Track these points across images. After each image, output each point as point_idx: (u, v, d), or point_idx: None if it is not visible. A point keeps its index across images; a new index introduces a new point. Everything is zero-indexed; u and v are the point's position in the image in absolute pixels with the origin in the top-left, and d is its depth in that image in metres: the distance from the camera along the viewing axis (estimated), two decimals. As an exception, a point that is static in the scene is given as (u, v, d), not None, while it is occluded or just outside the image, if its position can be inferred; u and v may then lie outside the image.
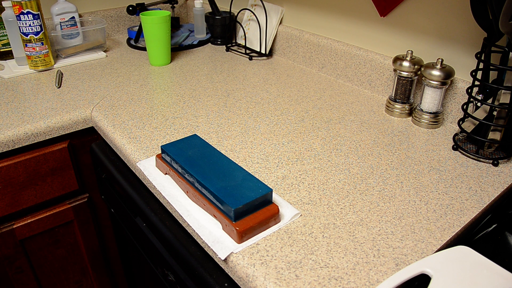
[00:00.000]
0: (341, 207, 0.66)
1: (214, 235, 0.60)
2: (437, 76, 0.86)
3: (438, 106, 0.90)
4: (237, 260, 0.56)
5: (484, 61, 0.77)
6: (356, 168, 0.76)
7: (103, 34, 1.32)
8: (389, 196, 0.68)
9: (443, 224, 0.63)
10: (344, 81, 1.14)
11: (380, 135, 0.87)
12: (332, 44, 1.14)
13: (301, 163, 0.77)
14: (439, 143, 0.85)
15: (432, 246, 0.59)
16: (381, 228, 0.62)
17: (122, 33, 1.51)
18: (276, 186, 0.70)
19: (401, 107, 0.95)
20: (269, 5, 1.28)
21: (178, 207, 0.66)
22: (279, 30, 1.29)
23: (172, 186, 0.70)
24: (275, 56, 1.33)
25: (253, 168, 0.75)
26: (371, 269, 0.55)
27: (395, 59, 0.93)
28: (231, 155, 0.79)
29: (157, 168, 0.74)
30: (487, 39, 0.76)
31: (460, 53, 0.90)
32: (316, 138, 0.86)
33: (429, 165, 0.77)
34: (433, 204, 0.67)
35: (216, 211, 0.60)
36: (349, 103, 1.02)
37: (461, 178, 0.74)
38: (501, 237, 0.63)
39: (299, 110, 0.97)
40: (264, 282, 0.53)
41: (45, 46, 1.17)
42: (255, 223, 0.58)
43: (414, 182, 0.72)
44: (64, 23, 1.29)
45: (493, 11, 0.70)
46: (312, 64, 1.22)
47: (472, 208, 0.66)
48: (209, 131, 0.87)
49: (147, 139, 0.83)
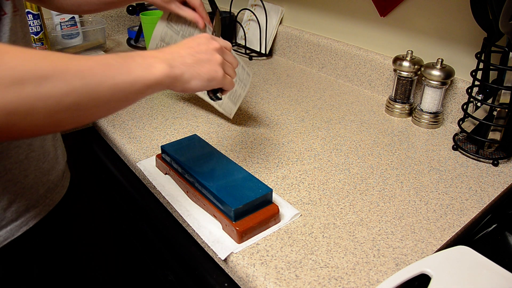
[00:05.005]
0: (341, 207, 0.66)
1: (214, 235, 0.60)
2: (437, 76, 0.86)
3: (438, 106, 0.90)
4: (237, 260, 0.56)
5: (484, 61, 0.77)
6: (356, 168, 0.76)
7: (103, 34, 1.32)
8: (389, 196, 0.68)
9: (443, 224, 0.63)
10: (344, 81, 1.14)
11: (380, 135, 0.87)
12: (332, 44, 1.14)
13: (301, 163, 0.77)
14: (439, 143, 0.85)
15: (432, 246, 0.59)
16: (381, 228, 0.62)
17: (122, 33, 1.51)
18: (276, 186, 0.70)
19: (401, 107, 0.95)
20: (269, 5, 1.28)
21: (178, 207, 0.66)
22: (279, 30, 1.29)
23: (172, 186, 0.70)
24: (275, 56, 1.33)
25: (253, 168, 0.75)
26: (371, 269, 0.55)
27: (395, 59, 0.93)
28: (231, 155, 0.79)
29: (157, 168, 0.74)
30: (487, 39, 0.76)
31: (460, 53, 0.90)
32: (316, 138, 0.86)
33: (429, 165, 0.77)
34: (433, 204, 0.67)
35: (216, 211, 0.60)
36: (349, 103, 1.02)
37: (461, 178, 0.74)
38: (501, 237, 0.63)
39: (299, 110, 0.98)
40: (264, 282, 0.53)
41: (45, 46, 1.16)
42: (255, 223, 0.58)
43: (414, 182, 0.72)
44: (64, 23, 1.28)
45: (493, 11, 0.70)
46: (312, 64, 1.22)
47: (472, 208, 0.66)
48: (209, 131, 0.87)
49: (147, 139, 0.83)
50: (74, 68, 0.40)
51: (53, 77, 0.38)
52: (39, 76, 0.37)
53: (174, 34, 0.88)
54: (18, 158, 0.57)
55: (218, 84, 0.56)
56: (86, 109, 0.42)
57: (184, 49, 0.54)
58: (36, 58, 0.38)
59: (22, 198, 0.58)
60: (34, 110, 0.37)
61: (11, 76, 0.35)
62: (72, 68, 0.40)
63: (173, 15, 0.87)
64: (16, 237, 0.57)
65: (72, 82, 0.39)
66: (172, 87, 0.51)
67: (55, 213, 0.64)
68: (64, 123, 0.41)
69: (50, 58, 0.39)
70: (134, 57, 0.47)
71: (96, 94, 0.42)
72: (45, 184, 0.62)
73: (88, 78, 0.41)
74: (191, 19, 0.81)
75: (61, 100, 0.39)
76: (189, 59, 0.53)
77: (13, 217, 0.57)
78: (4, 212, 0.56)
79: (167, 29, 0.89)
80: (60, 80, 0.38)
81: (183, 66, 0.52)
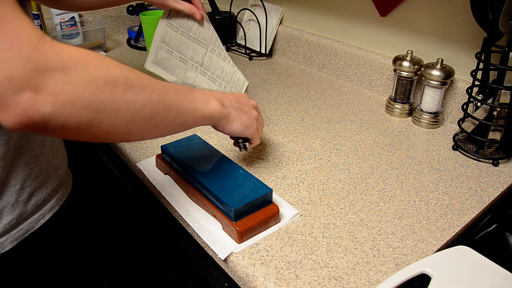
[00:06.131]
0: (341, 207, 0.66)
1: (214, 235, 0.60)
2: (437, 76, 0.86)
3: (438, 106, 0.90)
4: (237, 260, 0.56)
5: (484, 61, 0.77)
6: (356, 168, 0.76)
7: (103, 34, 1.32)
8: (389, 196, 0.68)
9: (443, 224, 0.63)
10: (344, 81, 1.14)
11: (380, 135, 0.87)
12: (332, 44, 1.14)
13: (301, 163, 0.77)
14: (439, 143, 0.85)
15: (432, 246, 0.59)
16: (381, 228, 0.62)
17: (122, 33, 1.51)
18: (276, 186, 0.70)
19: (401, 107, 0.95)
20: (269, 5, 1.28)
21: (178, 207, 0.66)
22: (279, 30, 1.29)
23: (172, 186, 0.70)
24: (275, 56, 1.33)
25: (253, 168, 0.75)
26: (371, 269, 0.55)
27: (395, 59, 0.93)
28: (231, 155, 0.79)
29: (157, 168, 0.74)
30: (487, 39, 0.76)
31: (460, 53, 0.90)
32: (316, 138, 0.86)
33: (429, 165, 0.77)
34: (433, 204, 0.67)
35: (216, 211, 0.60)
36: (349, 103, 1.02)
37: (461, 178, 0.74)
38: (501, 237, 0.63)
39: (299, 110, 0.98)
40: (264, 282, 0.53)
41: (45, 46, 1.16)
42: (255, 223, 0.58)
43: (414, 182, 0.72)
44: (64, 23, 1.29)
45: (493, 11, 0.70)
46: (312, 64, 1.22)
47: (472, 208, 0.66)
48: (209, 131, 0.87)
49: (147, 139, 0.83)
50: (153, 85, 0.47)
51: (137, 87, 0.44)
52: (127, 83, 0.43)
53: (174, 32, 0.89)
54: (35, 153, 0.59)
55: (251, 134, 0.65)
56: (155, 124, 0.48)
57: (230, 96, 0.64)
58: (126, 68, 0.44)
59: (39, 192, 0.60)
60: (118, 112, 0.42)
61: (107, 77, 0.41)
62: (152, 85, 0.47)
63: (172, 12, 0.88)
64: (36, 230, 0.60)
65: (151, 96, 0.46)
66: (217, 123, 0.60)
67: (65, 209, 0.66)
68: (134, 133, 0.46)
69: (136, 72, 0.46)
70: (195, 90, 0.56)
71: (166, 111, 0.49)
72: (56, 178, 0.64)
73: (163, 95, 0.48)
74: (187, 12, 0.86)
75: (140, 109, 0.45)
76: (235, 105, 0.63)
77: (32, 210, 0.59)
78: (25, 205, 0.58)
79: (167, 28, 0.90)
80: (142, 91, 0.45)
81: (231, 108, 0.61)
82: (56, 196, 0.64)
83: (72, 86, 0.38)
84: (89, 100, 0.39)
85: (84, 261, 0.75)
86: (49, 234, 0.63)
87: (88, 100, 0.39)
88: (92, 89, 0.39)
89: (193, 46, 0.90)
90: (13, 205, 0.56)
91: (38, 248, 0.62)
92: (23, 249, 0.59)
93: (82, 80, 0.39)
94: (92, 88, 0.39)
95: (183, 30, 0.88)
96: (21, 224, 0.58)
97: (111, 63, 0.43)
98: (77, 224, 0.72)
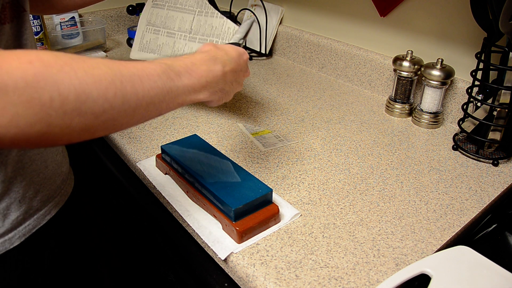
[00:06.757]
0: (341, 207, 0.66)
1: (214, 235, 0.60)
2: (437, 76, 0.86)
3: (438, 106, 0.90)
4: (237, 260, 0.56)
5: (484, 61, 0.77)
6: (356, 168, 0.76)
7: (103, 34, 1.32)
8: (389, 196, 0.69)
9: (443, 224, 0.63)
10: (344, 81, 1.14)
11: (380, 135, 0.87)
12: (332, 44, 1.14)
13: (301, 163, 0.77)
14: (439, 143, 0.85)
15: (432, 246, 0.59)
16: (381, 228, 0.62)
17: (122, 33, 1.51)
18: (276, 186, 0.70)
19: (401, 107, 0.95)
20: (269, 5, 1.28)
21: (178, 207, 0.66)
22: (279, 30, 1.29)
23: (172, 186, 0.70)
24: (275, 56, 1.33)
25: (253, 168, 0.75)
26: (371, 269, 0.55)
27: (395, 59, 0.93)
28: (231, 155, 0.79)
29: (157, 168, 0.74)
30: (487, 39, 0.76)
31: (460, 53, 0.90)
32: (316, 138, 0.86)
33: (429, 165, 0.77)
34: (433, 204, 0.67)
35: (216, 211, 0.60)
36: (349, 103, 1.02)
37: (461, 178, 0.74)
38: (501, 237, 0.63)
39: (299, 110, 0.98)
40: (264, 282, 0.53)
41: (45, 46, 1.16)
42: (255, 223, 0.58)
43: (414, 182, 0.72)
44: (64, 23, 1.28)
45: (493, 11, 0.70)
46: (312, 64, 1.22)
47: (472, 208, 0.66)
48: (209, 131, 0.87)
49: (147, 139, 0.83)
50: (119, 85, 0.41)
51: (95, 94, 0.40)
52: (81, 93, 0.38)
53: (160, 10, 0.94)
54: (40, 149, 0.60)
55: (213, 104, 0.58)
56: (122, 124, 0.43)
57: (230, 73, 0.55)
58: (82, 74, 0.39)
59: (45, 188, 0.61)
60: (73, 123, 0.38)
61: (52, 92, 0.37)
62: (117, 85, 0.41)
63: None
64: (42, 226, 0.61)
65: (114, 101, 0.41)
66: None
67: (68, 206, 0.67)
68: (98, 134, 0.42)
69: (102, 69, 0.41)
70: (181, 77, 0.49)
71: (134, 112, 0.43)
72: (60, 175, 0.65)
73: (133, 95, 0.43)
74: None
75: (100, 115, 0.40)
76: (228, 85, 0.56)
77: (38, 206, 0.60)
78: (31, 201, 0.59)
79: (153, 8, 0.94)
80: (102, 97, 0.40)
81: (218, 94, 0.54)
82: (60, 192, 0.64)
83: (12, 106, 0.35)
84: (35, 117, 0.36)
85: (86, 260, 0.75)
86: (54, 231, 0.64)
87: (34, 118, 0.36)
88: (36, 107, 0.36)
89: (180, 16, 0.94)
90: (20, 201, 0.57)
91: (43, 244, 0.62)
92: (30, 246, 0.59)
93: (22, 99, 0.35)
94: (36, 106, 0.36)
95: (169, 5, 0.93)
96: (28, 219, 0.58)
97: (62, 72, 0.37)
98: (79, 222, 0.73)
